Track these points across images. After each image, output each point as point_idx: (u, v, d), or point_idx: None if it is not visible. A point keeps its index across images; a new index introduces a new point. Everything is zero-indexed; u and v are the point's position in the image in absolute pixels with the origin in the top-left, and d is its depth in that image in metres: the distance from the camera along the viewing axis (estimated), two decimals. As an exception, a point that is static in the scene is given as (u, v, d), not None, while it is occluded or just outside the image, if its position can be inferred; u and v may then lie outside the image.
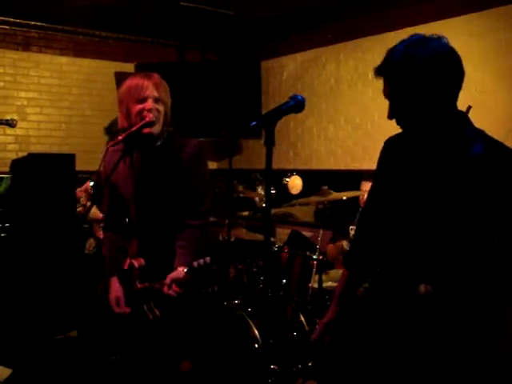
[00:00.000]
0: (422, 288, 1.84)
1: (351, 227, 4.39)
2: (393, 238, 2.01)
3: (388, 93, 1.87)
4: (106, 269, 2.83)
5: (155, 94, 2.55)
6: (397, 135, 2.07)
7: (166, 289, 2.45)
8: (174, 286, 2.43)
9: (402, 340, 1.93)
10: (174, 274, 2.46)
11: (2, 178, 5.33)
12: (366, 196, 3.82)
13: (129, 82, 2.59)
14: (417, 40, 1.79)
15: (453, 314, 1.83)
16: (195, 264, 2.30)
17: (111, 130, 4.16)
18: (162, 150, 2.65)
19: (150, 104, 2.54)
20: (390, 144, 2.10)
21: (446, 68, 1.77)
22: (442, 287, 1.82)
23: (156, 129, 2.58)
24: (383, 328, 2.01)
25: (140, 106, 2.54)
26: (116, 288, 2.73)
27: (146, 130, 2.54)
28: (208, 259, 2.30)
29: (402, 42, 1.82)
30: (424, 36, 1.81)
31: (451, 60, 1.79)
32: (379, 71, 1.85)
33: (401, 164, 1.99)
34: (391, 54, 1.82)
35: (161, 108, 2.58)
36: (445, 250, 1.82)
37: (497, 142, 1.83)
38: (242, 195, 4.94)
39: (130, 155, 2.66)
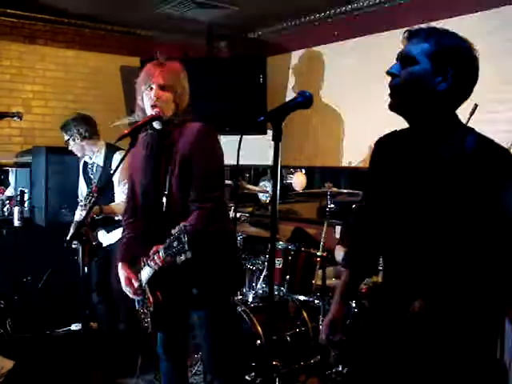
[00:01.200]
0: (417, 304, 1.83)
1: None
2: (388, 241, 2.01)
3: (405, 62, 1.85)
4: (119, 254, 2.87)
5: (160, 81, 2.61)
6: (388, 135, 2.09)
7: (151, 262, 2.54)
8: (156, 256, 2.49)
9: (400, 353, 1.92)
10: (156, 246, 2.52)
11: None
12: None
13: (144, 68, 2.69)
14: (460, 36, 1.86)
15: (449, 327, 1.81)
16: (172, 231, 2.35)
17: (66, 128, 4.17)
18: (169, 135, 2.68)
19: (154, 92, 2.61)
20: (382, 144, 2.11)
21: (473, 70, 1.83)
22: (438, 301, 1.81)
23: (163, 114, 2.63)
24: (384, 338, 2.01)
25: (148, 93, 2.63)
26: (125, 270, 2.76)
27: (157, 115, 2.61)
28: (181, 225, 2.35)
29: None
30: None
31: (476, 66, 1.85)
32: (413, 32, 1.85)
33: (394, 165, 1.99)
34: (441, 32, 1.84)
35: (167, 95, 2.63)
36: (442, 256, 1.81)
37: (487, 138, 1.84)
38: (246, 191, 4.95)
39: (147, 146, 2.72)
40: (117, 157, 4.08)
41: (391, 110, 1.91)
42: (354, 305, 3.44)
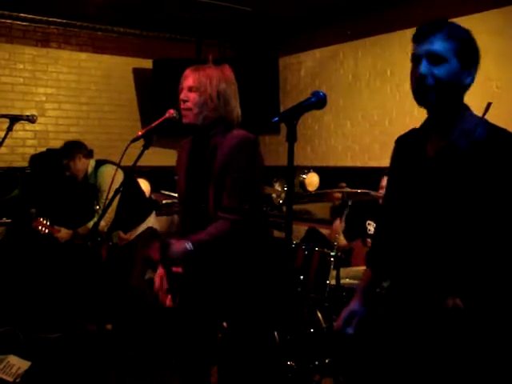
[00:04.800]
0: (450, 301, 1.79)
1: (368, 222, 4.39)
2: (409, 240, 1.98)
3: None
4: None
5: (189, 83, 2.57)
6: (407, 133, 2.07)
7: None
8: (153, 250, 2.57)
9: (426, 352, 1.88)
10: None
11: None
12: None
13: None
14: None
15: (482, 327, 1.78)
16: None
17: None
18: (210, 140, 2.63)
19: (182, 94, 2.59)
20: (401, 142, 2.10)
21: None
22: (470, 298, 1.78)
23: (192, 117, 2.58)
24: (406, 338, 1.97)
25: (180, 96, 2.60)
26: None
27: (184, 121, 2.59)
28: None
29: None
30: None
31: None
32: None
33: (413, 161, 1.98)
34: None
35: (194, 96, 2.56)
36: (464, 253, 1.79)
37: (499, 127, 1.84)
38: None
39: (190, 145, 2.71)
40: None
41: (426, 106, 1.87)
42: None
